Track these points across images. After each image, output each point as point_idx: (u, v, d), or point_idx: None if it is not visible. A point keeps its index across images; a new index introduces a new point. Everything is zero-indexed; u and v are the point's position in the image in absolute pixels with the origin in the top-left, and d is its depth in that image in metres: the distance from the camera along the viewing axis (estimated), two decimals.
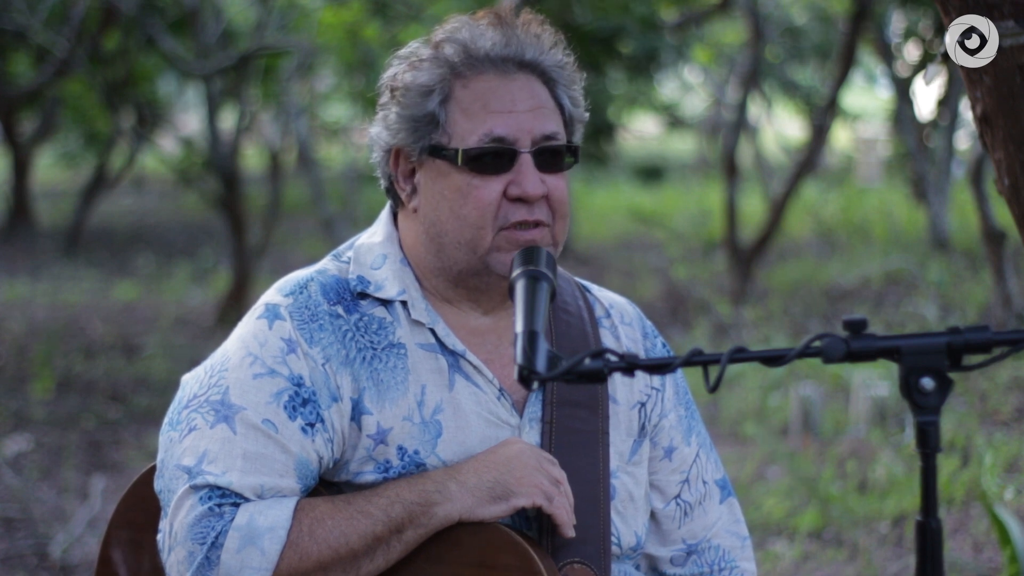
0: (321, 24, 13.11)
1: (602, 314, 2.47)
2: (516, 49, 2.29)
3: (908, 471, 6.26)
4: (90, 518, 5.89)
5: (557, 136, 2.29)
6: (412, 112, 2.28)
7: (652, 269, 13.26)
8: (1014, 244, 8.45)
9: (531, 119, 2.27)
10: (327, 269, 2.35)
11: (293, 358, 2.23)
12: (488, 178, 2.25)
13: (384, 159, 2.35)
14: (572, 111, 2.33)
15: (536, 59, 2.30)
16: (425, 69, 2.28)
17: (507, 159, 2.26)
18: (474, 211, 2.25)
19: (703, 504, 2.47)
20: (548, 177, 2.27)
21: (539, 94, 2.29)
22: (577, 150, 2.33)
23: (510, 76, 2.28)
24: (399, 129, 2.30)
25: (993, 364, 1.85)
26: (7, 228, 17.19)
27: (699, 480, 2.48)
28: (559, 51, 2.33)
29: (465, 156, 2.25)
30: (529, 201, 2.25)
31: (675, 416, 2.47)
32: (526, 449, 2.23)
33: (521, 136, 2.26)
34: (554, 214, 2.28)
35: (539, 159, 2.27)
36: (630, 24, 13.82)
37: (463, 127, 2.26)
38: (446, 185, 2.27)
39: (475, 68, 2.27)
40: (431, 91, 2.27)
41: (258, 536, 2.13)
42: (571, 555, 2.27)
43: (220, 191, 10.95)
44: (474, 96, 2.26)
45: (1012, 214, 2.64)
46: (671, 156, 28.27)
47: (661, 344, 2.52)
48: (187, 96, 22.15)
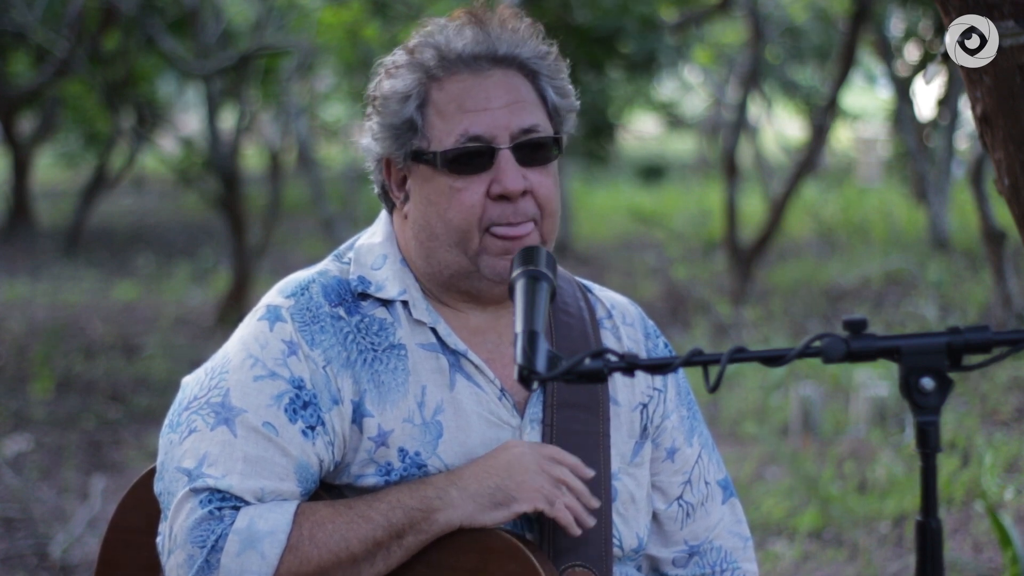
0: (321, 24, 13.10)
1: (603, 315, 2.45)
2: (489, 45, 2.27)
3: (908, 471, 6.26)
4: (90, 518, 5.89)
5: (538, 128, 2.27)
6: (391, 120, 2.28)
7: (652, 269, 13.26)
8: (1014, 244, 8.45)
9: (507, 114, 2.25)
10: (328, 270, 2.34)
11: (294, 360, 2.23)
12: (469, 179, 2.24)
13: (377, 168, 2.35)
14: (557, 101, 2.31)
15: (512, 52, 2.28)
16: (401, 76, 2.27)
17: (486, 157, 2.24)
18: (458, 213, 2.24)
19: (705, 505, 2.46)
20: (531, 172, 2.26)
21: (517, 88, 2.27)
22: (561, 141, 2.31)
23: (484, 73, 2.26)
24: (383, 138, 2.30)
25: (993, 364, 1.85)
26: (7, 228, 17.19)
27: (701, 481, 2.47)
28: (538, 42, 2.31)
29: (443, 158, 2.24)
30: (512, 198, 2.24)
31: (677, 417, 2.46)
32: (527, 451, 2.22)
33: (498, 133, 2.24)
34: (541, 211, 2.27)
35: (519, 154, 2.25)
36: (630, 24, 13.81)
37: (440, 129, 2.25)
38: (431, 189, 2.27)
39: (449, 69, 2.26)
40: (408, 97, 2.26)
41: (258, 540, 2.12)
42: (573, 559, 2.26)
43: (220, 191, 10.95)
44: (449, 97, 2.25)
45: (1012, 214, 2.64)
46: (671, 156, 28.26)
47: (663, 344, 2.51)
48: (187, 96, 22.14)
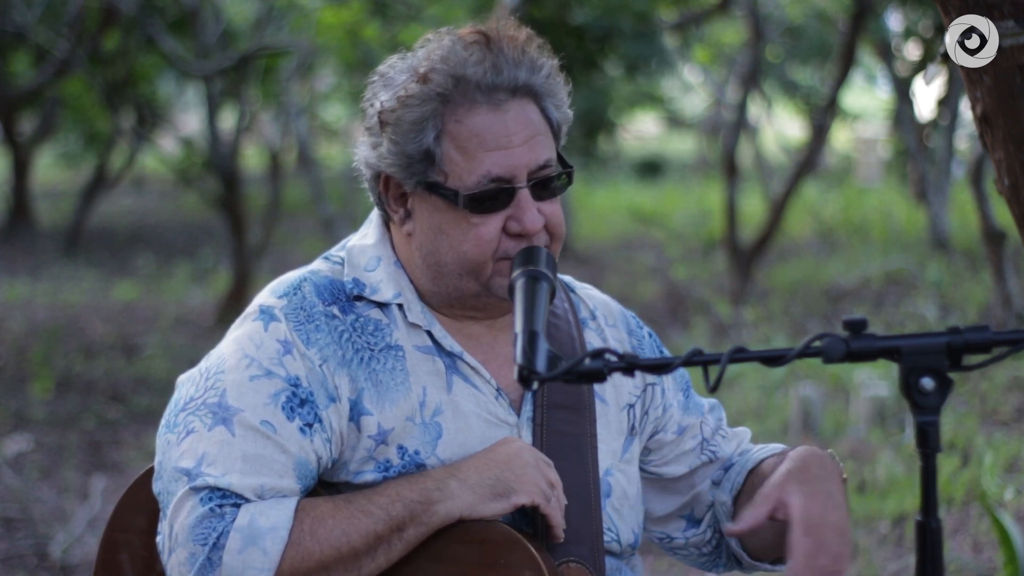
0: (321, 24, 13.09)
1: (587, 315, 2.48)
2: (508, 76, 2.25)
3: (908, 471, 6.26)
4: (90, 518, 5.89)
5: (551, 162, 2.28)
6: (405, 148, 2.25)
7: (652, 269, 13.26)
8: (1014, 244, 8.45)
9: (527, 152, 2.25)
10: (319, 270, 2.35)
11: (289, 359, 2.23)
12: (487, 216, 2.24)
13: (373, 179, 2.34)
14: (559, 119, 2.32)
15: (528, 81, 2.27)
16: (415, 105, 2.24)
17: (505, 196, 2.25)
18: (474, 248, 2.25)
19: (716, 435, 2.52)
20: (544, 205, 2.27)
21: (532, 119, 2.27)
22: (572, 173, 2.32)
23: (502, 108, 2.24)
24: (392, 163, 2.27)
25: (993, 364, 1.85)
26: (7, 228, 17.20)
27: (711, 432, 2.52)
28: (545, 59, 2.30)
29: (465, 199, 2.23)
30: (528, 235, 2.25)
31: (677, 404, 2.51)
32: (525, 448, 2.24)
33: (518, 172, 2.24)
34: (552, 236, 2.29)
35: (535, 190, 2.26)
36: (625, 23, 13.79)
37: (460, 166, 2.23)
38: (444, 220, 2.26)
39: (466, 99, 2.24)
40: (423, 127, 2.24)
41: (260, 536, 2.13)
42: (566, 555, 2.28)
43: (220, 191, 10.95)
44: (469, 133, 2.23)
45: (1012, 214, 2.64)
46: (671, 156, 28.27)
47: (648, 334, 2.54)
48: (187, 96, 22.14)
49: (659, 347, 2.55)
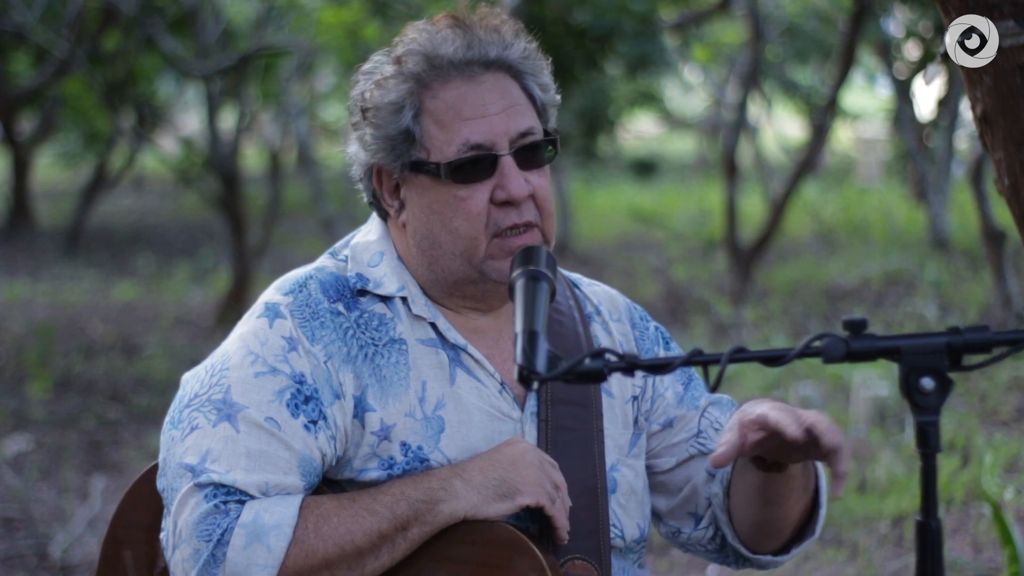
0: (321, 24, 13.08)
1: (592, 311, 2.48)
2: (479, 50, 2.28)
3: (908, 471, 6.26)
4: (90, 518, 5.89)
5: (533, 131, 2.29)
6: (386, 131, 2.28)
7: (652, 269, 13.25)
8: (1014, 244, 8.45)
9: (505, 120, 2.26)
10: (325, 267, 2.36)
11: (294, 356, 2.23)
12: (473, 186, 2.25)
13: (366, 176, 2.36)
14: (543, 98, 2.33)
15: (501, 55, 2.29)
16: (391, 87, 2.28)
17: (488, 164, 2.26)
18: (464, 222, 2.26)
19: (711, 429, 2.47)
20: (531, 175, 2.28)
21: (510, 91, 2.29)
22: (556, 141, 2.33)
23: (477, 79, 2.27)
24: (377, 149, 2.30)
25: (993, 364, 1.85)
26: (7, 228, 17.20)
27: (705, 423, 2.48)
28: (522, 41, 2.32)
29: (446, 169, 2.25)
30: (516, 203, 2.26)
31: (673, 395, 2.47)
32: (530, 449, 2.24)
33: (498, 139, 2.26)
34: (541, 212, 2.29)
35: (519, 158, 2.27)
36: (627, 23, 13.79)
37: (439, 139, 2.26)
38: (433, 199, 2.28)
39: (441, 77, 2.27)
40: (401, 107, 2.27)
41: (264, 533, 2.13)
42: (571, 552, 2.28)
43: (220, 191, 10.95)
44: (445, 106, 2.26)
45: (1012, 214, 2.64)
46: (671, 156, 28.27)
47: (654, 328, 2.53)
48: (187, 96, 22.12)
49: (666, 339, 2.52)
